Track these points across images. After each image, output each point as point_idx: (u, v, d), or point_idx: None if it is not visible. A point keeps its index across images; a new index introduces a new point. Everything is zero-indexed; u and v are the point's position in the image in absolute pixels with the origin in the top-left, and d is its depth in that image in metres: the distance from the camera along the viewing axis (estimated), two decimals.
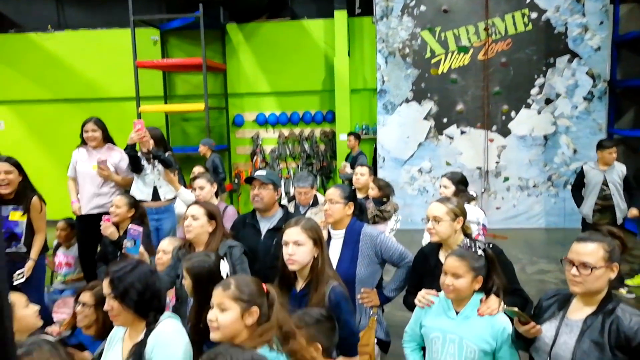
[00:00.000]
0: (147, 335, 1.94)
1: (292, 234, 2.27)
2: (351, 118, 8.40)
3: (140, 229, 3.07)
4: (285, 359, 1.85)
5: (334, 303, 2.20)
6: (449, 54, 7.77)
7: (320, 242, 2.29)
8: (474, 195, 4.12)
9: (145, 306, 1.98)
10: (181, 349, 1.92)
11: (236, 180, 8.75)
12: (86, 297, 2.45)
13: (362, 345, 2.64)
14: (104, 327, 2.31)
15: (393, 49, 7.82)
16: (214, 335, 1.83)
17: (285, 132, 8.77)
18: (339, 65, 8.27)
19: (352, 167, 6.71)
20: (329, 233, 2.87)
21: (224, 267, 2.36)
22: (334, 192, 2.83)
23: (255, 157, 8.68)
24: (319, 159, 8.69)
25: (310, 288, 2.27)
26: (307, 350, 1.91)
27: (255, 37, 8.67)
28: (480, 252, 2.16)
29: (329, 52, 8.52)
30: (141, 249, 3.08)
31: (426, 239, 3.72)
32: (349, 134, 7.45)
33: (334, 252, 2.77)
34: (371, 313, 2.74)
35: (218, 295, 1.83)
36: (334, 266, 2.72)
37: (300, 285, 2.32)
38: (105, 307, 2.00)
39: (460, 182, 3.86)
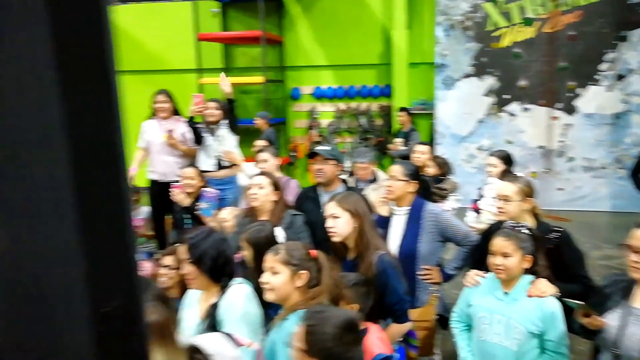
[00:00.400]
0: (220, 298, 2.07)
1: (329, 208, 2.41)
2: (409, 93, 8.26)
3: (215, 192, 3.23)
4: None
5: (381, 270, 2.27)
6: (513, 27, 7.47)
7: (358, 214, 2.37)
8: (521, 176, 4.06)
9: (219, 271, 2.11)
10: (240, 312, 2.03)
11: (293, 154, 8.85)
12: (169, 260, 2.62)
13: (422, 320, 2.68)
14: (186, 288, 2.47)
15: (453, 22, 7.59)
16: (268, 296, 1.96)
17: (342, 106, 8.75)
18: (397, 38, 8.12)
19: (405, 145, 6.66)
20: (391, 210, 2.90)
21: (279, 234, 2.47)
22: (397, 169, 2.84)
23: (311, 131, 8.72)
24: (376, 134, 8.63)
25: (358, 257, 2.37)
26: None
27: (312, 9, 8.62)
28: (525, 231, 2.16)
29: (387, 25, 8.37)
30: (214, 211, 3.25)
31: (470, 218, 3.70)
32: (401, 110, 7.35)
33: (397, 228, 2.81)
34: (432, 290, 2.77)
35: (269, 259, 1.97)
36: (397, 243, 2.77)
37: (351, 255, 2.42)
38: (183, 271, 2.14)
39: (508, 162, 3.80)
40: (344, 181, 3.37)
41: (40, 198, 0.78)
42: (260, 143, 4.47)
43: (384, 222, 2.85)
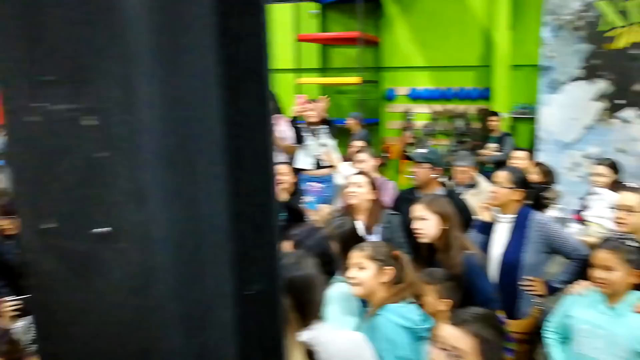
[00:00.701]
0: None
1: (416, 210, 2.48)
2: (509, 96, 7.94)
3: (320, 186, 3.36)
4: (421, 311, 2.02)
5: (467, 269, 2.30)
6: (631, 27, 6.90)
7: (446, 216, 2.42)
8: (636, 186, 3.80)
9: (321, 268, 2.18)
10: (335, 295, 2.07)
11: (385, 155, 8.83)
12: None
13: (522, 333, 2.61)
14: None
15: (562, 22, 7.17)
16: (354, 291, 2.02)
17: (438, 107, 8.58)
18: (499, 39, 7.83)
19: (499, 150, 6.42)
20: (494, 216, 2.83)
21: (359, 227, 2.53)
22: (503, 175, 2.78)
23: (405, 132, 8.65)
24: (473, 137, 8.38)
25: (445, 258, 2.40)
26: (435, 304, 2.13)
27: (411, 10, 8.54)
28: (632, 243, 2.03)
29: (488, 25, 8.09)
30: (319, 205, 3.37)
31: (574, 229, 3.49)
32: (492, 114, 7.07)
33: (500, 236, 2.74)
34: (535, 302, 2.67)
35: (355, 255, 2.04)
36: (499, 251, 2.71)
37: (437, 255, 2.45)
38: None
39: (616, 171, 3.58)
40: (443, 184, 3.35)
41: (201, 188, 0.88)
42: (358, 144, 4.55)
43: (486, 228, 2.79)
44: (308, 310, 1.53)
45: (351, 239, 2.44)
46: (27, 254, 0.69)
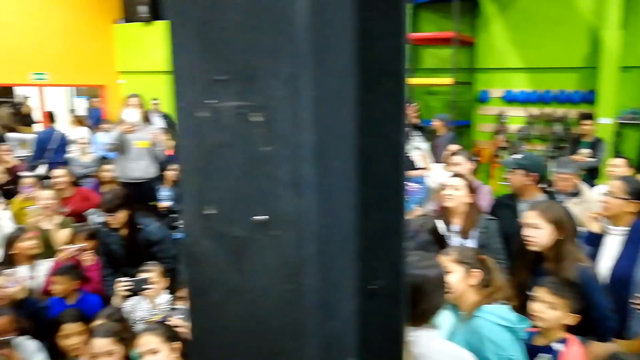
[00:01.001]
0: None
1: (529, 217, 2.36)
2: (617, 100, 7.37)
3: (417, 186, 3.36)
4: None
5: (584, 283, 2.19)
6: None
7: (562, 226, 2.29)
8: None
9: None
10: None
11: (476, 158, 8.56)
12: None
13: (636, 354, 2.44)
14: None
15: None
16: None
17: (535, 111, 8.17)
18: (608, 39, 7.29)
19: (593, 156, 6.00)
20: (604, 227, 2.67)
21: (441, 227, 2.47)
22: (617, 185, 2.62)
23: (498, 136, 8.33)
24: (572, 143, 7.90)
25: (555, 268, 2.30)
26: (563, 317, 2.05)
27: (509, 9, 8.20)
28: None
29: (596, 24, 7.57)
30: (415, 206, 3.37)
31: None
32: (585, 117, 6.60)
33: (610, 249, 2.58)
34: None
35: (441, 260, 1.98)
36: (609, 265, 2.56)
37: (547, 265, 2.34)
38: None
39: None
40: (545, 191, 3.21)
41: (333, 183, 0.92)
42: (453, 147, 4.46)
43: (594, 240, 2.64)
44: (418, 311, 1.52)
45: (434, 238, 2.43)
46: (188, 236, 0.76)
